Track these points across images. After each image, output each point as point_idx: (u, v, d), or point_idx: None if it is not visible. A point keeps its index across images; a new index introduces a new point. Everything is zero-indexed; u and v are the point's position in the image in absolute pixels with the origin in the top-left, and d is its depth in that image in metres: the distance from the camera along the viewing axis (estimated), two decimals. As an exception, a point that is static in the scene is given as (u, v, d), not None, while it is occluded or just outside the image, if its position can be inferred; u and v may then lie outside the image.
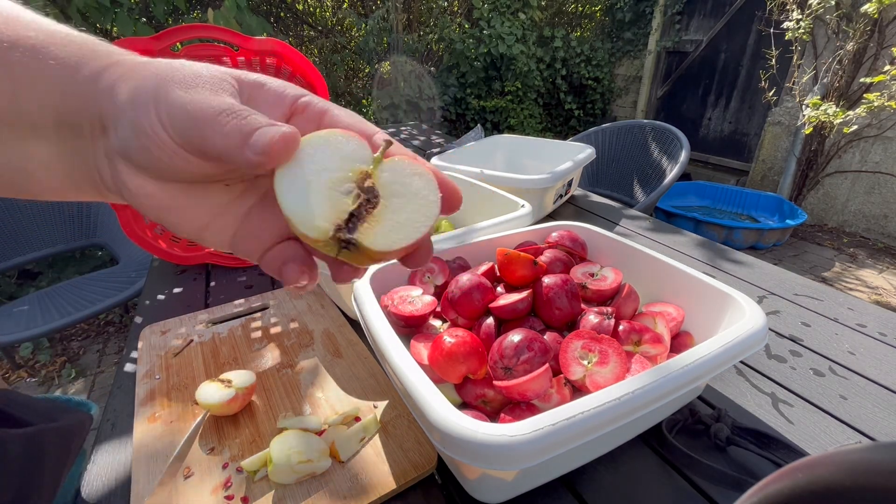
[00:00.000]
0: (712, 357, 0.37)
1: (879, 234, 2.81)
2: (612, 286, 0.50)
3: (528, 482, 0.39)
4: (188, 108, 0.18)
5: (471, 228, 0.61)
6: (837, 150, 2.85)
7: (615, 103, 4.69)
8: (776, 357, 0.58)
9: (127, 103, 0.19)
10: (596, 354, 0.40)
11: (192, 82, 0.19)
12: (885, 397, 0.51)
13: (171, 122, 0.18)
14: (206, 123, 0.18)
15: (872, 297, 2.19)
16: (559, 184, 0.93)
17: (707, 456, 0.43)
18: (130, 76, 0.20)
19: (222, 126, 0.18)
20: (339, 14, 3.77)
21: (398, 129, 1.98)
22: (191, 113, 0.18)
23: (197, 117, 0.18)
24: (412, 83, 3.57)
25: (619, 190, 1.89)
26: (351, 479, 0.39)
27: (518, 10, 3.78)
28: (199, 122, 0.18)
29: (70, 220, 1.65)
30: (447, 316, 0.48)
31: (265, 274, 0.77)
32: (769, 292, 0.73)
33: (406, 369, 0.35)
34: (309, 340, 0.58)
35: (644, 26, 4.16)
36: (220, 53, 0.76)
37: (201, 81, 0.20)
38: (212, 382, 0.46)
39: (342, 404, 0.47)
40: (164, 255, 0.72)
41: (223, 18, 1.91)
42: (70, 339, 1.83)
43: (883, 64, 2.45)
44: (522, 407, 0.39)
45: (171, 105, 0.18)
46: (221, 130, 0.18)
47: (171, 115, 0.18)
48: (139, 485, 0.38)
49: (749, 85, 3.51)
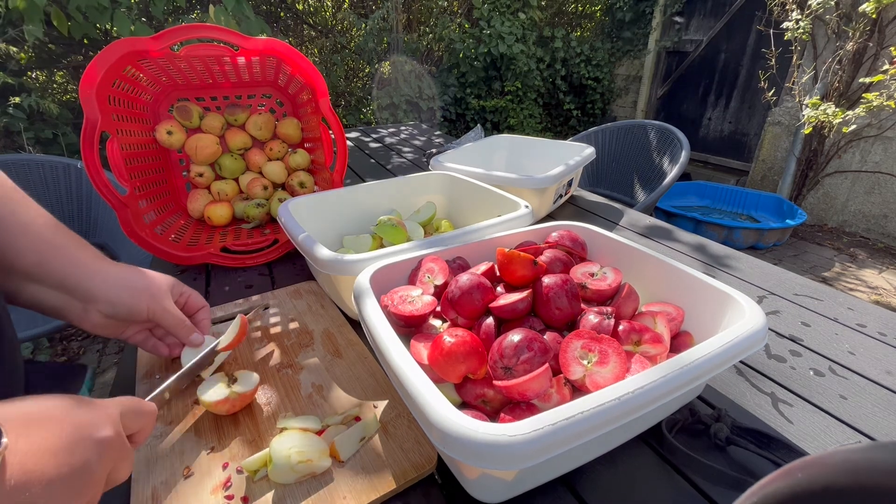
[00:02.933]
0: (712, 357, 0.37)
1: (879, 234, 2.81)
2: (612, 286, 0.50)
3: (528, 482, 0.39)
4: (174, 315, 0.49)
5: (471, 228, 0.61)
6: (837, 150, 2.85)
7: (615, 103, 4.69)
8: (776, 357, 0.58)
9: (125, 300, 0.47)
10: (596, 354, 0.40)
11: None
12: (885, 397, 0.51)
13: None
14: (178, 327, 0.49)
15: (872, 297, 2.19)
16: (559, 184, 0.93)
17: (707, 456, 0.43)
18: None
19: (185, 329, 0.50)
20: (339, 14, 3.77)
21: (398, 128, 1.98)
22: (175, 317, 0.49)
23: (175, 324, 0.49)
24: (412, 83, 3.57)
25: (619, 190, 1.89)
26: (351, 479, 0.39)
27: (518, 10, 3.78)
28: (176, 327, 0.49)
29: (70, 220, 1.65)
30: (447, 316, 0.48)
31: (265, 274, 0.77)
32: (769, 292, 0.73)
33: (406, 369, 0.35)
34: (309, 340, 0.58)
35: (644, 26, 4.16)
36: (221, 53, 0.77)
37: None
38: (219, 376, 0.47)
39: (342, 404, 0.47)
40: (164, 255, 0.72)
41: (223, 14, 1.91)
42: (70, 339, 1.83)
43: (882, 64, 2.45)
44: (522, 407, 0.39)
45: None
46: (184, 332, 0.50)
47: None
48: (139, 485, 0.38)
49: (749, 85, 3.51)
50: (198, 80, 0.85)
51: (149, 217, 0.75)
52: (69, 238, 0.45)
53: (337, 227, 0.76)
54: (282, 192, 0.92)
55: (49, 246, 0.43)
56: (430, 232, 0.79)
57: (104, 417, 0.30)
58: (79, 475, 0.26)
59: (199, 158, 0.86)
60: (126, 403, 0.33)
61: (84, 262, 0.44)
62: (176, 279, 0.51)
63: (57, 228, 0.45)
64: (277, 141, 0.92)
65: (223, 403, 0.44)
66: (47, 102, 2.00)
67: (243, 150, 0.91)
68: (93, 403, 0.30)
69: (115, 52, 0.64)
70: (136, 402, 0.34)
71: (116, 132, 0.69)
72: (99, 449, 0.28)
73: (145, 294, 0.47)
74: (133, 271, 0.47)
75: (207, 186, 0.89)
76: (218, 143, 0.87)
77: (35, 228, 0.43)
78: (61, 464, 0.25)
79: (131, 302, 0.46)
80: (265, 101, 0.95)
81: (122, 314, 0.46)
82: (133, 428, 0.33)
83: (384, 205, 0.81)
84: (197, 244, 0.79)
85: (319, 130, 0.86)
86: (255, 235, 0.84)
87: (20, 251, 0.42)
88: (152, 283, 0.48)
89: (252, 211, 0.86)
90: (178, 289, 0.51)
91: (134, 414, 0.34)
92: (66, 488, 0.25)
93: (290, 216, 0.65)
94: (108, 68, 0.64)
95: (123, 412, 0.32)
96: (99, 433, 0.28)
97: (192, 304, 0.52)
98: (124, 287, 0.46)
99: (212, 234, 0.85)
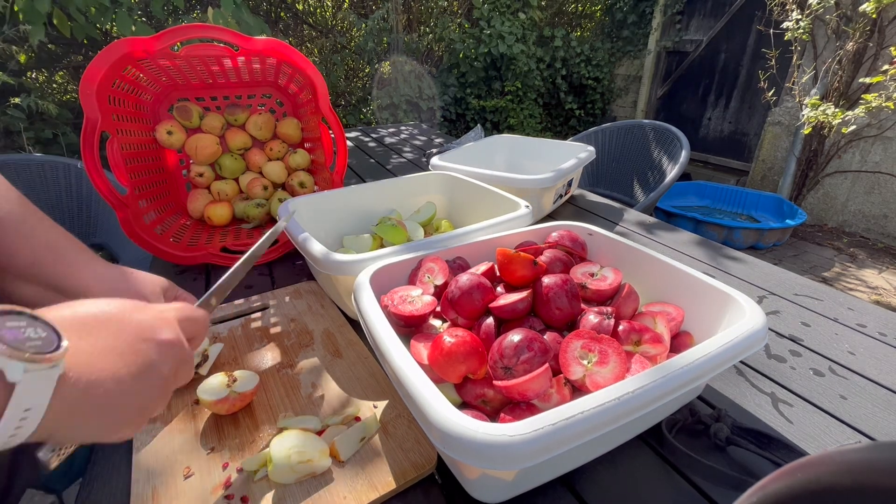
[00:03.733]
0: (712, 357, 0.37)
1: (879, 234, 2.81)
2: (612, 286, 0.50)
3: (528, 482, 0.39)
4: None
5: (471, 228, 0.61)
6: (837, 150, 2.85)
7: (615, 103, 4.69)
8: (776, 357, 0.58)
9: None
10: (596, 354, 0.40)
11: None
12: (885, 397, 0.51)
13: None
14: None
15: (872, 297, 2.19)
16: (559, 184, 0.93)
17: (707, 456, 0.43)
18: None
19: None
20: (339, 14, 3.77)
21: (398, 128, 1.98)
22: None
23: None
24: (412, 83, 3.56)
25: (619, 190, 1.89)
26: (351, 479, 0.39)
27: (518, 10, 3.78)
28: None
29: (69, 219, 1.64)
30: (447, 316, 0.48)
31: (265, 274, 0.77)
32: (769, 292, 0.73)
33: (406, 369, 0.35)
34: (309, 340, 0.58)
35: (644, 26, 4.16)
36: (221, 53, 0.76)
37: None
38: (219, 375, 0.47)
39: (342, 404, 0.47)
40: (164, 255, 0.72)
41: (222, 17, 1.91)
42: (70, 339, 1.83)
43: (882, 64, 2.45)
44: (522, 407, 0.39)
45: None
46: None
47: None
48: (139, 485, 0.38)
49: (749, 85, 3.51)
50: (198, 80, 0.85)
51: (149, 217, 0.75)
52: (64, 239, 0.45)
53: (337, 227, 0.76)
54: (282, 192, 0.92)
55: (44, 247, 0.43)
56: (430, 232, 0.79)
57: (163, 320, 0.30)
58: (146, 374, 0.27)
59: (199, 158, 0.86)
60: (181, 309, 0.34)
61: (78, 264, 0.44)
62: (170, 281, 0.51)
63: (52, 229, 0.45)
64: (277, 141, 0.92)
65: (223, 403, 0.44)
66: (47, 103, 2.00)
67: (243, 150, 0.91)
68: (150, 307, 0.30)
69: (116, 52, 0.64)
70: (189, 308, 0.35)
71: (116, 132, 0.69)
72: (162, 349, 0.28)
73: (138, 296, 0.46)
74: (127, 274, 0.47)
75: (207, 186, 0.89)
76: (218, 143, 0.87)
77: (30, 228, 0.43)
78: (129, 363, 0.26)
79: None
80: (265, 101, 0.95)
81: None
82: (189, 332, 0.34)
83: (384, 205, 0.81)
84: (197, 244, 0.79)
85: (319, 130, 0.86)
86: (255, 235, 0.84)
87: (14, 251, 0.41)
88: (145, 286, 0.48)
89: (252, 211, 0.86)
90: (172, 291, 0.51)
91: (189, 320, 0.34)
92: (138, 385, 0.26)
93: (289, 216, 0.65)
94: (108, 68, 0.64)
95: (179, 317, 0.33)
96: (161, 335, 0.29)
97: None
98: (118, 290, 0.46)
99: (212, 234, 0.85)
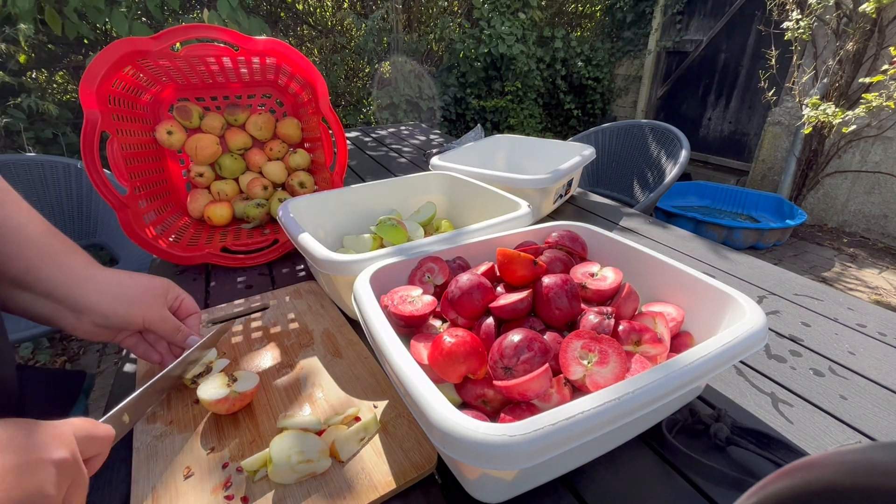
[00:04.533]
0: (712, 357, 0.37)
1: (879, 234, 2.81)
2: (612, 286, 0.50)
3: (528, 482, 0.39)
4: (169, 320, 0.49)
5: (471, 228, 0.61)
6: (837, 150, 2.85)
7: (615, 103, 4.69)
8: (776, 357, 0.58)
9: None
10: (596, 354, 0.40)
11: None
12: (885, 397, 0.51)
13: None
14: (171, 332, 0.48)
15: (872, 297, 2.19)
16: (559, 184, 0.93)
17: (707, 456, 0.43)
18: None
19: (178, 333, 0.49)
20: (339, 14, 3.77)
21: (398, 128, 1.98)
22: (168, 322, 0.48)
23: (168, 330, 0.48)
24: (412, 83, 3.57)
25: (619, 190, 1.89)
26: (351, 479, 0.39)
27: (518, 10, 3.78)
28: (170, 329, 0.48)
29: (70, 220, 1.65)
30: (447, 316, 0.48)
31: (265, 274, 0.77)
32: (769, 292, 0.73)
33: (406, 369, 0.35)
34: (309, 340, 0.58)
35: (644, 26, 4.16)
36: (221, 53, 0.76)
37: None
38: (219, 375, 0.47)
39: (342, 404, 0.47)
40: (164, 255, 0.72)
41: (217, 19, 1.91)
42: (70, 339, 1.83)
43: (882, 64, 2.45)
44: (522, 407, 0.39)
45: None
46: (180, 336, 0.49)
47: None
48: (139, 485, 0.38)
49: (749, 85, 3.51)
50: (198, 80, 0.85)
51: (149, 217, 0.75)
52: (60, 244, 0.43)
53: (337, 227, 0.76)
54: (282, 192, 0.92)
55: (38, 253, 0.41)
56: (430, 232, 0.79)
57: (57, 438, 0.28)
58: (32, 499, 0.25)
59: (199, 158, 0.86)
60: (79, 425, 0.31)
61: (74, 271, 0.43)
62: (171, 281, 0.50)
63: (48, 234, 0.43)
64: (277, 141, 0.92)
65: (223, 403, 0.44)
66: (47, 103, 2.00)
67: (243, 150, 0.91)
68: (43, 425, 0.29)
69: (115, 52, 0.64)
70: (89, 423, 0.32)
71: (116, 132, 0.69)
72: (53, 470, 0.27)
73: (142, 305, 0.45)
74: (127, 278, 0.46)
75: (207, 186, 0.89)
76: (218, 143, 0.87)
77: (25, 233, 0.41)
78: (10, 487, 0.24)
79: (126, 313, 0.44)
80: (265, 101, 0.95)
81: (116, 325, 0.45)
82: (87, 453, 0.31)
83: (384, 205, 0.81)
84: (197, 244, 0.79)
85: (319, 130, 0.86)
86: (255, 235, 0.84)
87: (9, 257, 0.40)
88: (147, 291, 0.46)
89: (252, 211, 0.86)
90: (174, 293, 0.50)
91: (89, 437, 0.31)
92: None
93: (289, 216, 0.65)
94: (108, 68, 0.64)
95: (78, 435, 0.30)
96: (53, 454, 0.27)
97: (184, 308, 0.51)
98: (118, 297, 0.44)
99: (212, 234, 0.85)
